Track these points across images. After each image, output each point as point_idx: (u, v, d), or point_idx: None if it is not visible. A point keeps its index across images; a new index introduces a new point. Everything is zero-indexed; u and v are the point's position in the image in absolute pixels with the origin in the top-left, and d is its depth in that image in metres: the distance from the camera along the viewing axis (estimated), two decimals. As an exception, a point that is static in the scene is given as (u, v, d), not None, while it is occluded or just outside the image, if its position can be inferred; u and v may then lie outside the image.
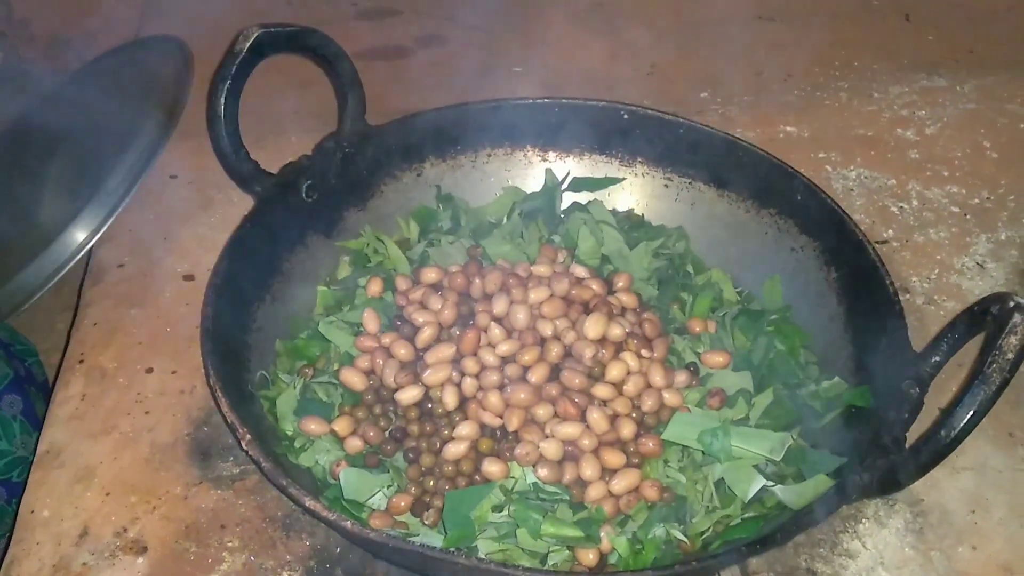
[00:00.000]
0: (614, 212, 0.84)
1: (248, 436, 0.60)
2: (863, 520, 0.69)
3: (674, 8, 1.26)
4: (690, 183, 0.84)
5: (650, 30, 1.21)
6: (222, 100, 0.70)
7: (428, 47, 1.19)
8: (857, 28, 1.23)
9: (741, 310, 0.77)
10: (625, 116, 0.85)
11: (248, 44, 0.69)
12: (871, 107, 1.09)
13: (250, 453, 0.59)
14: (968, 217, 0.95)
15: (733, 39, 1.20)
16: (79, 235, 0.90)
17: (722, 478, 0.64)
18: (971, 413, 0.54)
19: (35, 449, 0.87)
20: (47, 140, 1.05)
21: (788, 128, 1.05)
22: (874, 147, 1.03)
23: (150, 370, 0.77)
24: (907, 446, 0.60)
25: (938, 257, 0.90)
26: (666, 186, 0.85)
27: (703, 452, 0.65)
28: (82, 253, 0.90)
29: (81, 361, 0.78)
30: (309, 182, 0.77)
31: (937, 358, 0.62)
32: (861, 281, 0.72)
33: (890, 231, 0.93)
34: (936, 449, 0.55)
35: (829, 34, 1.21)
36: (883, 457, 0.59)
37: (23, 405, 0.88)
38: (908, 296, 0.86)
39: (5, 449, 0.85)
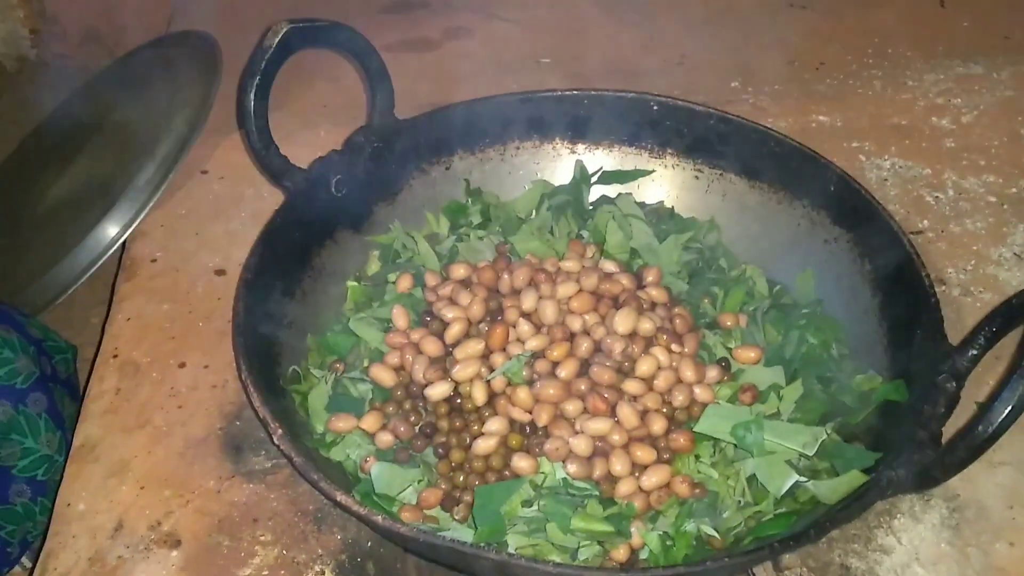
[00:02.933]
0: (643, 205, 0.84)
1: (280, 431, 0.60)
2: (898, 515, 0.68)
3: (704, -3, 1.25)
4: (721, 174, 0.84)
5: (680, 20, 1.20)
6: (252, 96, 0.70)
7: (456, 39, 1.18)
8: (891, 14, 1.21)
9: (772, 304, 0.76)
10: (655, 107, 0.84)
11: (277, 40, 0.69)
12: (905, 95, 1.08)
13: (282, 448, 0.60)
14: (1005, 207, 0.93)
15: (764, 27, 1.19)
16: (112, 230, 0.91)
17: (754, 473, 0.64)
18: (1009, 408, 0.53)
19: (59, 447, 0.89)
20: (80, 135, 1.07)
21: (820, 117, 1.04)
22: (909, 136, 1.02)
23: (183, 365, 0.78)
24: (943, 441, 0.59)
25: (975, 248, 0.89)
26: (696, 177, 0.85)
27: (735, 447, 0.65)
28: (115, 248, 0.91)
29: (115, 356, 0.79)
30: (339, 177, 0.77)
31: (974, 352, 0.61)
32: (896, 273, 0.71)
33: (925, 221, 0.92)
34: (973, 445, 0.54)
35: (862, 21, 1.19)
36: (919, 452, 0.58)
37: (47, 403, 0.89)
38: (944, 288, 0.84)
39: (31, 447, 0.86)
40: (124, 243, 0.90)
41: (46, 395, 0.89)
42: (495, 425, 0.66)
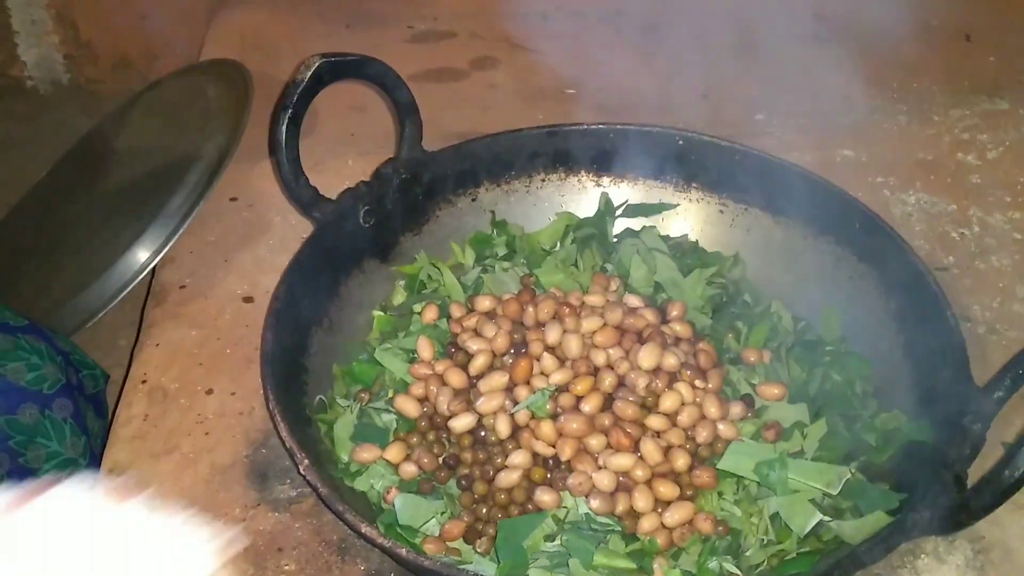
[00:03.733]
0: (667, 238, 0.84)
1: (306, 461, 0.61)
2: (922, 556, 0.68)
3: (729, 30, 1.25)
4: (746, 209, 0.84)
5: (704, 52, 1.21)
6: (284, 128, 0.71)
7: (482, 69, 1.20)
8: (916, 49, 1.21)
9: (797, 340, 0.76)
10: (680, 142, 0.84)
11: (310, 73, 0.70)
12: (930, 131, 1.08)
13: (308, 478, 0.60)
14: (1031, 244, 0.93)
15: (789, 61, 1.19)
16: (142, 255, 0.92)
17: (777, 512, 0.64)
18: (1036, 452, 0.53)
19: (84, 452, 0.90)
20: (111, 160, 1.08)
21: (845, 152, 1.04)
22: (934, 172, 1.01)
23: (210, 391, 0.79)
24: (969, 484, 0.59)
25: (1000, 285, 0.89)
26: (721, 212, 0.85)
27: (758, 485, 0.65)
28: (145, 273, 0.92)
29: (144, 381, 0.80)
30: (367, 207, 0.78)
31: (1000, 393, 0.60)
32: (921, 311, 0.71)
33: (950, 258, 0.91)
34: (1000, 489, 0.54)
35: (887, 55, 1.19)
36: (944, 495, 0.58)
37: (72, 409, 0.90)
38: (969, 325, 0.84)
39: (56, 451, 0.87)
40: (154, 269, 0.91)
41: (71, 401, 0.90)
42: (518, 458, 0.66)
